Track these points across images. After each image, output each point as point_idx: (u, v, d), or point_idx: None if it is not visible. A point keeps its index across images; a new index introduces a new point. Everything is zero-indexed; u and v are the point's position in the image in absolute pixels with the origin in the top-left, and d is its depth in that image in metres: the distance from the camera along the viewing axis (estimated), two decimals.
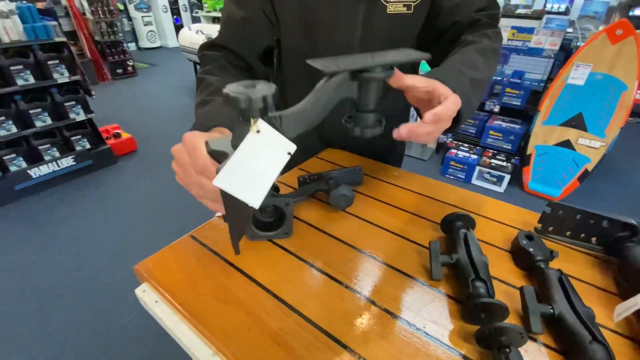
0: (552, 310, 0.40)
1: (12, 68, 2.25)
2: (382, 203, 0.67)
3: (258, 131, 0.35)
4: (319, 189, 0.66)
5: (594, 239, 0.54)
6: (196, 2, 7.71)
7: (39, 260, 1.95)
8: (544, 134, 2.46)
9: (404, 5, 0.69)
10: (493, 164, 2.60)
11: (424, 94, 0.49)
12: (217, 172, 0.34)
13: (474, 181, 2.70)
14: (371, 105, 0.48)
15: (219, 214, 0.50)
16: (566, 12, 3.13)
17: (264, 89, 0.36)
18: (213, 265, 0.52)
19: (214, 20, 6.84)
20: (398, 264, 0.52)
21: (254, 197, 0.35)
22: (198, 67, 4.90)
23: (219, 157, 0.38)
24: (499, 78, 2.73)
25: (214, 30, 4.71)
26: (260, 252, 0.54)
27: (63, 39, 2.45)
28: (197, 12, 7.73)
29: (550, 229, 0.56)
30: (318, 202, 0.67)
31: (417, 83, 0.48)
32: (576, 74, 2.21)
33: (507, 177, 2.55)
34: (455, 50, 0.66)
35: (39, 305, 1.67)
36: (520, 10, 2.72)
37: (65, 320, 1.60)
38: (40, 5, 5.24)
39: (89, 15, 5.28)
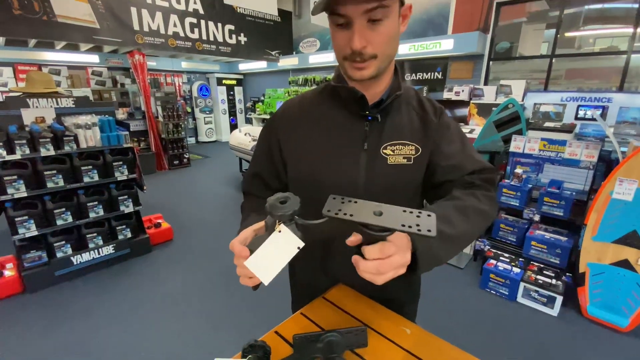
0: None
1: (82, 168, 2.63)
2: None
3: (279, 231, 0.51)
4: (315, 356, 0.61)
5: None
6: (250, 107, 8.94)
7: (52, 357, 1.92)
8: (596, 250, 2.21)
9: (404, 158, 0.73)
10: (540, 281, 2.31)
11: None
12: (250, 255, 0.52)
13: (520, 299, 2.38)
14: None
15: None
16: (601, 117, 3.08)
17: (291, 205, 0.51)
18: None
19: (263, 121, 7.80)
20: None
21: (266, 277, 0.51)
22: (243, 162, 5.42)
23: (253, 247, 0.53)
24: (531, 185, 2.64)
25: (258, 132, 5.31)
26: None
27: (130, 145, 2.87)
28: (250, 114, 8.93)
29: None
30: None
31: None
32: (621, 189, 2.07)
33: (560, 298, 2.22)
34: (435, 203, 0.66)
35: None
36: (549, 123, 2.76)
37: None
38: (124, 110, 6.40)
39: (160, 118, 6.29)
